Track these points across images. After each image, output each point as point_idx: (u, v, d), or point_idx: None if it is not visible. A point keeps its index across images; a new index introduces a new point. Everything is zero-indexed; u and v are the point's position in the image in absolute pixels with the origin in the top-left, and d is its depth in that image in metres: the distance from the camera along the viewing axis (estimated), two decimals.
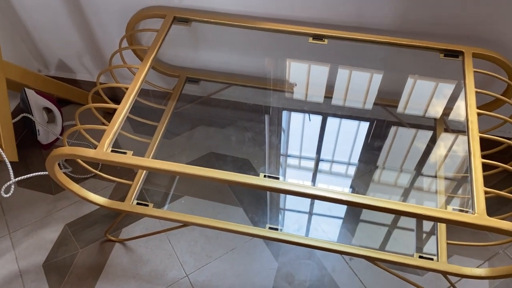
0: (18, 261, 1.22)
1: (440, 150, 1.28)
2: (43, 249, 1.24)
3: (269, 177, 0.84)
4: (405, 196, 1.31)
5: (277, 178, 0.85)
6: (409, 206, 0.78)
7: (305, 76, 1.37)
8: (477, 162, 0.84)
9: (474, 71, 1.00)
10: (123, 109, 0.93)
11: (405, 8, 1.05)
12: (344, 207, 1.33)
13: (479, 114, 0.92)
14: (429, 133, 1.32)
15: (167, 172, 0.85)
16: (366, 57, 1.22)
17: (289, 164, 1.42)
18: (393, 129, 1.39)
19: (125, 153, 0.87)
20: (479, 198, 0.79)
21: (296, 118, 1.49)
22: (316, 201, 1.33)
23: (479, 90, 0.96)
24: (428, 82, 1.28)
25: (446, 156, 1.27)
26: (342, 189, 1.37)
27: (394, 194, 1.35)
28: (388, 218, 1.29)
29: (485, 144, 1.04)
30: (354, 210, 1.30)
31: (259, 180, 0.83)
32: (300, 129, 1.47)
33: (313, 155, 1.40)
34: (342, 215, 1.31)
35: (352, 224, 1.27)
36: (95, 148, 0.87)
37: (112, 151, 0.87)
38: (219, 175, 0.83)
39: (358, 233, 1.26)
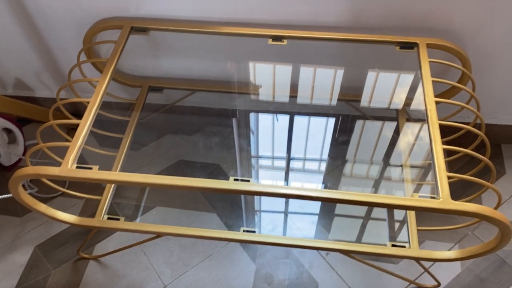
0: None
1: (404, 140, 1.32)
2: (14, 274, 1.20)
3: (239, 180, 0.85)
4: (375, 187, 1.34)
5: (248, 181, 0.85)
6: (377, 197, 0.80)
7: (268, 77, 1.38)
8: (438, 148, 0.87)
9: (429, 61, 1.03)
10: (85, 124, 0.92)
11: (359, 5, 1.07)
12: (318, 204, 1.35)
13: (437, 102, 0.95)
14: (393, 124, 1.35)
15: (134, 184, 0.85)
16: (326, 55, 1.25)
17: (260, 165, 1.43)
18: (358, 122, 1.41)
19: (90, 168, 0.86)
20: (443, 184, 0.82)
21: (264, 119, 1.50)
22: (290, 200, 1.34)
23: (435, 79, 0.99)
24: (388, 74, 1.31)
25: (410, 145, 1.31)
26: (314, 186, 1.40)
27: (365, 186, 1.38)
28: (362, 210, 1.32)
29: (447, 130, 1.08)
30: (328, 206, 1.32)
31: (230, 184, 0.84)
32: (268, 130, 1.48)
33: (284, 154, 1.41)
34: (317, 212, 1.33)
35: (327, 220, 1.28)
36: (60, 166, 0.85)
37: (77, 167, 0.86)
38: (188, 183, 0.82)
39: (333, 228, 1.28)
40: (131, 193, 1.33)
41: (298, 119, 1.45)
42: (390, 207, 0.81)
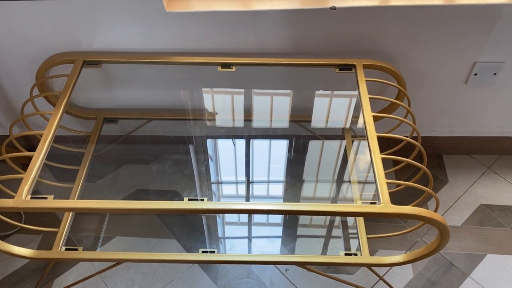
0: None
1: (351, 156, 1.39)
2: None
3: (193, 199, 0.88)
4: (331, 201, 1.41)
5: (202, 200, 0.89)
6: (324, 206, 0.86)
7: (221, 103, 1.44)
8: (377, 158, 0.94)
9: (366, 80, 1.12)
10: (39, 155, 0.93)
11: (298, 33, 1.16)
12: (281, 228, 1.39)
13: (374, 117, 1.03)
14: (341, 142, 1.43)
15: (90, 211, 0.86)
16: (273, 79, 1.32)
17: (220, 189, 1.47)
18: (310, 142, 1.48)
19: (45, 198, 0.87)
20: (383, 190, 0.88)
21: (220, 145, 1.54)
22: (253, 224, 1.38)
23: (372, 96, 1.08)
24: (332, 95, 1.39)
25: (356, 160, 1.38)
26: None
27: (321, 201, 1.44)
28: (322, 230, 1.37)
29: (390, 145, 1.17)
30: (290, 229, 1.36)
31: (184, 204, 0.87)
32: (225, 155, 1.53)
33: (242, 177, 1.45)
34: (280, 234, 1.36)
35: (289, 243, 1.31)
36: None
37: (31, 197, 0.87)
38: (142, 206, 0.85)
39: (296, 249, 1.31)
40: (89, 224, 1.33)
41: (254, 142, 1.50)
42: (336, 215, 0.87)
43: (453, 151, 1.53)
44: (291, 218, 1.38)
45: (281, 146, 1.53)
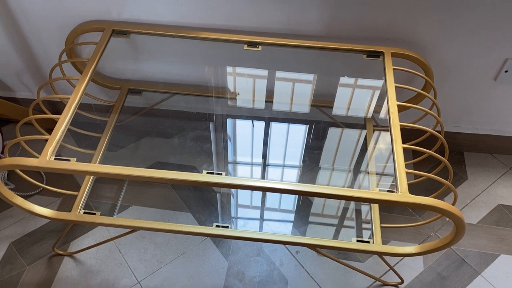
0: None
1: (371, 145, 1.38)
2: None
3: (211, 173, 0.89)
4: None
5: (220, 174, 0.90)
6: (340, 190, 0.86)
7: (245, 82, 1.44)
8: (398, 147, 0.93)
9: (394, 69, 1.11)
10: (64, 119, 0.95)
11: (330, 16, 1.15)
12: (293, 210, 1.39)
13: (399, 106, 1.02)
14: (361, 131, 1.42)
15: (111, 176, 0.88)
16: (299, 62, 1.31)
17: (236, 169, 1.48)
18: (330, 129, 1.48)
19: (68, 160, 0.89)
20: (402, 179, 0.88)
21: (240, 124, 1.55)
22: (265, 206, 1.39)
23: (398, 85, 1.06)
24: (357, 82, 1.38)
25: (376, 150, 1.37)
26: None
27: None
28: (335, 216, 1.37)
29: (412, 137, 1.16)
30: (303, 212, 1.36)
31: (203, 177, 0.88)
32: (244, 135, 1.54)
33: (259, 159, 1.46)
34: (291, 219, 1.37)
35: (301, 226, 1.33)
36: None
37: (55, 159, 0.89)
38: (163, 175, 0.86)
39: (307, 233, 1.32)
40: (107, 193, 1.36)
41: (273, 125, 1.50)
42: (353, 200, 0.87)
43: (475, 148, 1.51)
44: (303, 205, 1.38)
45: (300, 131, 1.52)
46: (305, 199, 1.40)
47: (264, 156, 1.46)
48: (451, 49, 1.19)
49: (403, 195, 0.85)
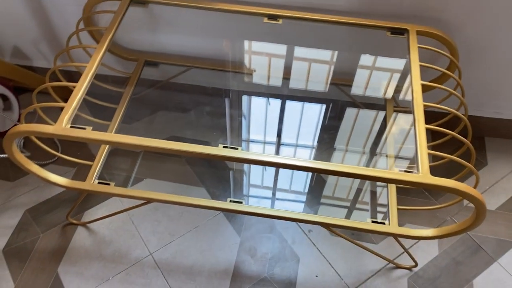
0: None
1: (391, 127, 1.35)
2: (2, 236, 1.22)
3: (227, 147, 0.88)
4: None
5: (236, 148, 0.88)
6: (359, 169, 0.83)
7: (262, 57, 1.41)
8: (421, 127, 0.90)
9: (418, 47, 1.07)
10: (81, 87, 0.94)
11: None
12: (306, 189, 1.38)
13: (423, 85, 0.99)
14: (381, 111, 1.39)
15: (126, 146, 0.87)
16: (319, 37, 1.27)
17: (250, 146, 1.46)
18: (347, 109, 1.45)
19: (84, 128, 0.88)
20: (423, 159, 0.85)
21: (256, 102, 1.52)
22: (278, 184, 1.38)
23: (423, 64, 1.03)
24: (378, 60, 1.34)
25: (396, 131, 1.34)
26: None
27: None
28: (347, 201, 1.35)
29: (433, 120, 1.12)
30: (315, 192, 1.35)
31: (219, 151, 0.86)
32: (259, 112, 1.51)
33: (273, 137, 1.44)
34: (303, 200, 1.35)
35: (313, 206, 1.31)
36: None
37: (71, 127, 0.88)
38: (179, 147, 0.85)
39: (320, 212, 1.31)
40: (122, 164, 1.35)
41: (289, 103, 1.48)
42: (373, 179, 0.84)
43: (496, 133, 1.47)
44: (316, 186, 1.36)
45: (317, 110, 1.50)
46: (317, 180, 1.38)
47: (279, 135, 1.44)
48: (480, 28, 1.14)
49: (424, 176, 0.83)
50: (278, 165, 0.86)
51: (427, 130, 0.91)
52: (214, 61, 1.39)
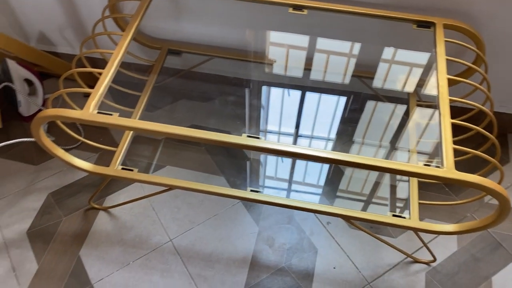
0: (1, 229, 1.23)
1: (413, 121, 1.34)
2: (26, 218, 1.25)
3: (251, 136, 0.88)
4: None
5: (258, 138, 0.88)
6: (383, 162, 0.83)
7: (285, 48, 1.40)
8: (446, 122, 0.89)
9: (445, 41, 1.05)
10: (108, 73, 0.95)
11: None
12: (323, 180, 1.38)
13: (449, 80, 0.98)
14: (403, 105, 1.38)
15: (152, 133, 0.88)
16: (343, 28, 1.27)
17: (269, 138, 1.47)
18: (369, 102, 1.44)
19: (111, 114, 0.89)
20: (448, 154, 0.85)
21: (276, 93, 1.52)
22: (295, 173, 1.38)
23: (449, 58, 1.02)
24: (402, 54, 1.33)
25: (419, 126, 1.33)
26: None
27: None
28: (366, 189, 1.35)
29: (457, 116, 1.11)
30: (333, 184, 1.35)
31: (242, 140, 0.87)
32: (280, 103, 1.51)
33: (292, 129, 1.44)
34: (320, 192, 1.35)
35: (330, 200, 1.31)
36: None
37: (98, 112, 0.89)
38: (202, 135, 0.86)
39: (336, 204, 1.31)
40: (143, 152, 1.37)
41: (310, 95, 1.48)
42: (396, 173, 0.84)
43: None
44: (333, 179, 1.36)
45: (337, 102, 1.49)
46: (335, 173, 1.38)
47: (298, 126, 1.44)
48: (508, 22, 1.12)
49: (449, 171, 0.82)
50: (303, 156, 0.85)
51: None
52: (237, 51, 1.39)
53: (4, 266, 1.17)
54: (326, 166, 1.42)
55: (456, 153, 0.87)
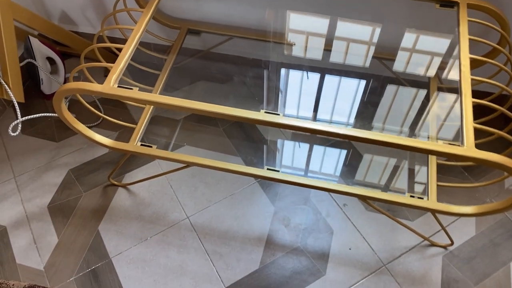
0: (23, 203, 1.26)
1: (434, 106, 1.32)
2: (47, 192, 1.28)
3: (270, 113, 0.88)
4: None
5: (278, 114, 0.88)
6: (402, 139, 0.82)
7: (304, 28, 1.39)
8: (467, 101, 0.88)
9: (468, 20, 1.03)
10: (128, 48, 0.96)
11: None
12: (341, 162, 1.37)
13: (471, 59, 0.96)
14: (424, 89, 1.36)
15: (172, 107, 0.89)
16: (364, 8, 1.25)
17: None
18: (389, 85, 1.42)
19: (131, 89, 0.90)
20: (469, 133, 0.83)
21: (295, 75, 1.52)
22: (312, 156, 1.37)
23: (472, 37, 1.00)
24: (424, 36, 1.31)
25: (438, 109, 1.31)
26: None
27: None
28: (384, 175, 1.34)
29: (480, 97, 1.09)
30: (350, 169, 1.34)
31: (261, 116, 0.87)
32: (298, 86, 1.51)
33: (310, 112, 1.43)
34: (337, 177, 1.35)
35: (347, 182, 1.31)
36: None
37: (118, 87, 0.90)
38: (223, 110, 0.86)
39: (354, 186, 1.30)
40: (162, 131, 1.38)
41: (328, 77, 1.46)
42: (415, 150, 0.83)
43: None
44: (351, 162, 1.35)
45: (356, 85, 1.47)
46: (353, 155, 1.37)
47: (316, 109, 1.43)
48: None
49: (469, 149, 0.81)
50: (317, 132, 0.85)
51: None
52: (256, 31, 1.38)
53: (26, 238, 1.20)
54: (343, 153, 1.41)
55: (477, 136, 0.86)
